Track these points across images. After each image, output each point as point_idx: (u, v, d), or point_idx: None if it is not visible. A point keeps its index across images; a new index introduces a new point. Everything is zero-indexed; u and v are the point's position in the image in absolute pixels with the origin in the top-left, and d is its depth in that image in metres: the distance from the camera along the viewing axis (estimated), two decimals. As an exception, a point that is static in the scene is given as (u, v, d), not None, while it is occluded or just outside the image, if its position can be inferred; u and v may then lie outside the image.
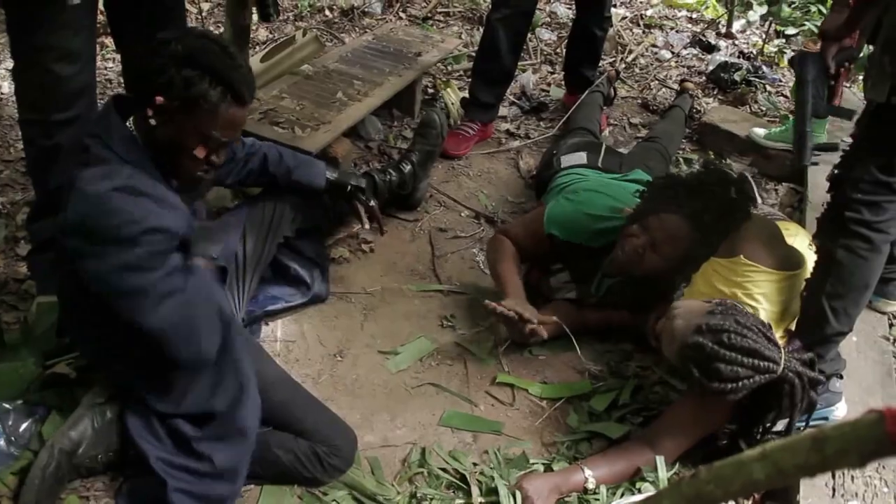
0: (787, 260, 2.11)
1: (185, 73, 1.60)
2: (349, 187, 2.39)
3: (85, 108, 2.11)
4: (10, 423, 1.87)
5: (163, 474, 1.70)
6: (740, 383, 1.80)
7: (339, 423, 1.95)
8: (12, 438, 1.86)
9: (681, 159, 3.55)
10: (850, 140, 2.09)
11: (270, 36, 4.28)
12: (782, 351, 1.84)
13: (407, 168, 2.79)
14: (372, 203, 2.45)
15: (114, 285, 1.58)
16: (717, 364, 1.80)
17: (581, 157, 2.87)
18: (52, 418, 1.91)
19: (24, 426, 1.88)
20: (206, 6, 4.43)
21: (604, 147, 2.97)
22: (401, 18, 4.72)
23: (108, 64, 3.79)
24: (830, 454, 0.60)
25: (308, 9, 4.63)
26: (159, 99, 1.61)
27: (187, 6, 4.31)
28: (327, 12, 4.67)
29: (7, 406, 1.89)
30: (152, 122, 1.64)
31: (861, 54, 2.86)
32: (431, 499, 1.89)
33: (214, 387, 1.78)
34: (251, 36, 3.34)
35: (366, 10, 4.71)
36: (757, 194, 2.61)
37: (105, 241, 1.56)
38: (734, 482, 0.68)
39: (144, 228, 1.57)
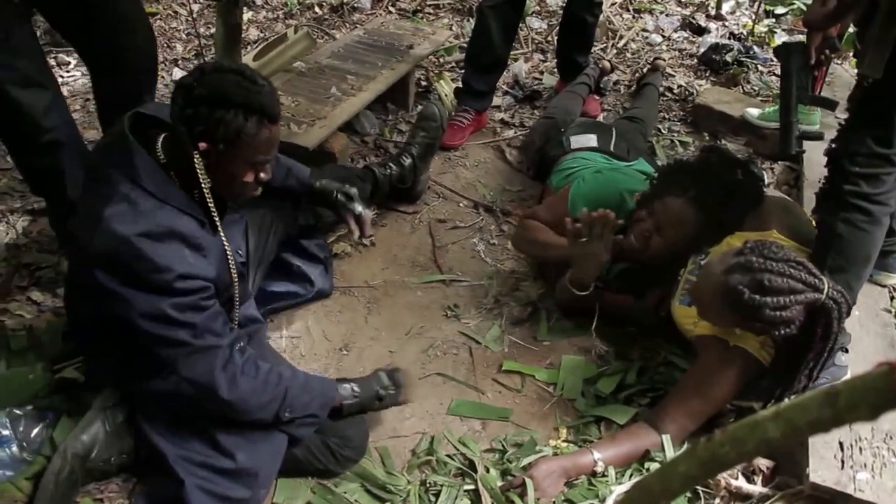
0: (811, 237, 2.12)
1: (219, 115, 1.59)
2: (335, 194, 2.32)
3: (61, 123, 2.15)
4: (21, 428, 1.88)
5: (181, 472, 1.70)
6: (791, 297, 1.77)
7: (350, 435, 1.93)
8: (24, 444, 1.86)
9: (676, 142, 3.56)
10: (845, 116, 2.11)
11: (262, 34, 4.28)
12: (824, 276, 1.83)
13: (407, 161, 2.79)
14: (360, 211, 2.35)
15: (144, 331, 1.61)
16: (765, 275, 1.78)
17: (591, 139, 2.88)
18: (62, 423, 1.91)
19: (35, 431, 1.89)
20: (196, 7, 4.43)
21: (615, 132, 2.98)
22: (390, 12, 4.71)
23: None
24: (842, 408, 0.61)
25: (297, 6, 4.63)
26: (203, 145, 1.62)
27: (177, 8, 4.34)
28: (317, 9, 4.67)
29: (18, 412, 1.90)
30: (199, 165, 1.65)
31: (848, 32, 2.87)
32: (441, 486, 1.90)
33: None
34: (242, 35, 3.34)
35: (355, 5, 4.71)
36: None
37: (136, 287, 1.57)
38: (748, 442, 0.68)
39: (176, 275, 1.58)
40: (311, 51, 3.51)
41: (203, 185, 1.68)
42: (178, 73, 3.83)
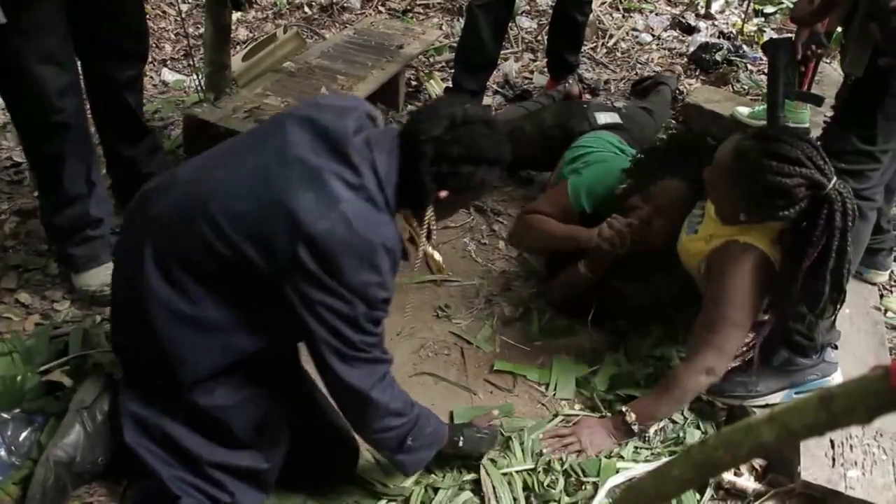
0: None
1: (469, 170, 1.60)
2: None
3: (74, 107, 2.13)
4: (9, 432, 1.85)
5: (178, 491, 1.62)
6: (795, 168, 1.78)
7: (338, 434, 1.86)
8: (12, 448, 1.84)
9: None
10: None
11: (251, 35, 4.26)
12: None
13: None
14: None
15: (322, 321, 1.50)
16: (776, 143, 1.82)
17: (615, 116, 2.93)
18: (50, 426, 1.89)
19: (23, 435, 1.86)
20: (184, 7, 4.40)
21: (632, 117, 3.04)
22: (380, 12, 4.70)
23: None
24: (838, 411, 0.61)
25: (287, 6, 4.61)
26: (443, 193, 1.62)
27: (166, 8, 4.32)
28: (306, 9, 4.65)
29: (6, 416, 1.87)
30: (431, 211, 1.66)
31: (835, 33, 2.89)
32: (441, 482, 1.90)
33: (263, 428, 1.71)
34: (232, 35, 3.32)
35: (345, 4, 4.69)
36: None
37: (343, 284, 1.48)
38: (743, 446, 0.68)
39: (385, 298, 1.54)
40: (301, 51, 3.50)
41: (421, 228, 1.69)
42: (166, 73, 3.81)
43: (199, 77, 3.12)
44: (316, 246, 1.45)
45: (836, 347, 2.17)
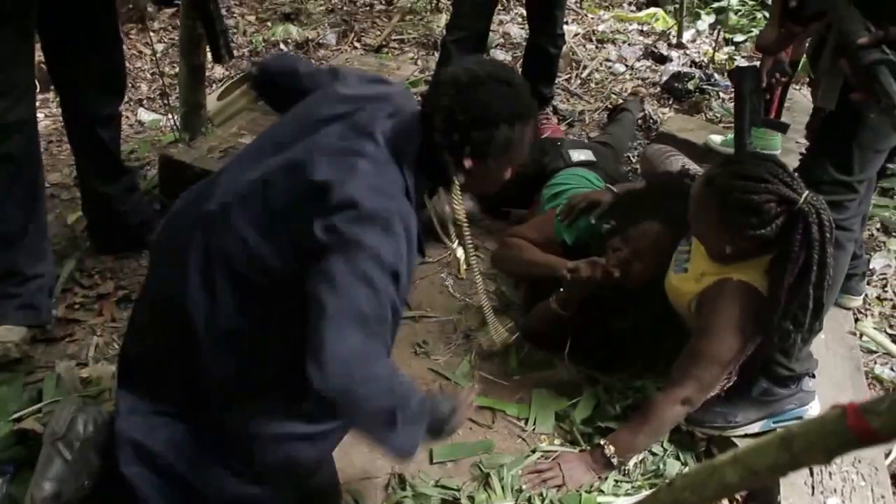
0: None
1: (487, 134, 1.55)
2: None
3: (21, 144, 2.07)
4: (-20, 484, 1.82)
5: None
6: (762, 185, 1.81)
7: (322, 478, 1.82)
8: (-18, 499, 1.81)
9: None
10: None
11: (227, 73, 4.28)
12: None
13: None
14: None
15: (344, 285, 1.41)
16: (743, 165, 1.87)
17: (589, 153, 2.92)
18: (21, 475, 1.85)
19: (-5, 487, 1.83)
20: (160, 47, 4.42)
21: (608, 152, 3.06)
22: (356, 48, 4.74)
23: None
24: (798, 452, 0.61)
25: (262, 44, 4.64)
26: (468, 163, 1.58)
27: (142, 48, 4.33)
28: (282, 46, 4.68)
29: (-25, 466, 1.84)
30: (460, 179, 1.61)
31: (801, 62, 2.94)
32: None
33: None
34: (207, 74, 3.34)
35: (320, 41, 4.73)
36: None
37: (361, 249, 1.42)
38: (708, 487, 0.68)
39: (395, 270, 1.45)
40: (276, 88, 3.51)
41: (453, 207, 1.66)
42: (142, 113, 3.81)
43: (175, 117, 3.12)
44: (337, 204, 1.43)
45: (813, 376, 2.17)
